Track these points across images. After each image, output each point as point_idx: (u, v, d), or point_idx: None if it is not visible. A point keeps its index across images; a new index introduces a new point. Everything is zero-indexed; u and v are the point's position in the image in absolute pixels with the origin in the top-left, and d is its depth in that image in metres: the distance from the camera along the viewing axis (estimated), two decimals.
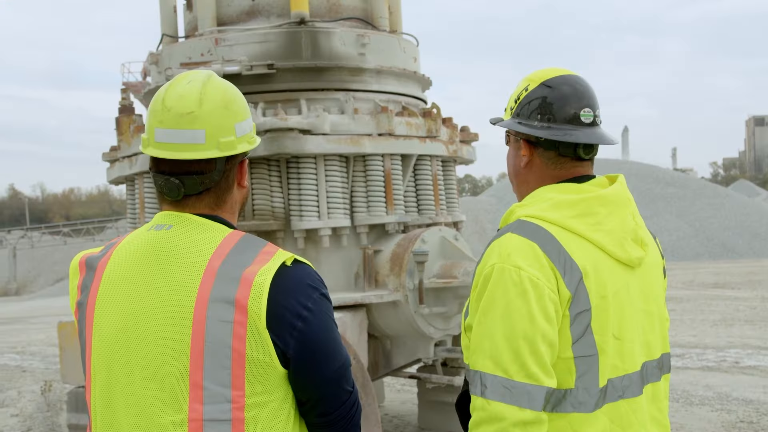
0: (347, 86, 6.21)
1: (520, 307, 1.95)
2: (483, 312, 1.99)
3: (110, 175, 6.85)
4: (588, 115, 2.17)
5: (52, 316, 22.27)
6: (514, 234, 2.05)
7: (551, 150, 2.18)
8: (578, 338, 2.00)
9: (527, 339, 1.93)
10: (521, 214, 2.12)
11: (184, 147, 1.90)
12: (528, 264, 1.98)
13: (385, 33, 6.59)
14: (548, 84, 2.18)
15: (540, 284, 1.96)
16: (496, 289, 1.98)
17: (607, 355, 2.03)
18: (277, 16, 6.30)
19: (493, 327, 1.96)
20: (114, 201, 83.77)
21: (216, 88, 1.96)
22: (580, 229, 2.06)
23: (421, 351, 6.21)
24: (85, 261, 1.99)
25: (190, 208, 1.95)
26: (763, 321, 14.39)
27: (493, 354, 1.94)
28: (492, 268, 2.01)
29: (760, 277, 23.57)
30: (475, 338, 2.00)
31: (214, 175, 1.93)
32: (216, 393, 1.78)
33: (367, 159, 6.06)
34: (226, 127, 1.92)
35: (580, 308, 2.00)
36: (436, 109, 6.67)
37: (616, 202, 2.14)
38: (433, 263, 5.93)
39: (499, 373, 1.92)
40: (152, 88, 6.56)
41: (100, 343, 1.90)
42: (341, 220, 5.92)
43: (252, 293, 1.79)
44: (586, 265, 2.03)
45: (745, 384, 9.15)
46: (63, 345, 6.78)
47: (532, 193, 2.20)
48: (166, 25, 6.85)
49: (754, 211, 38.96)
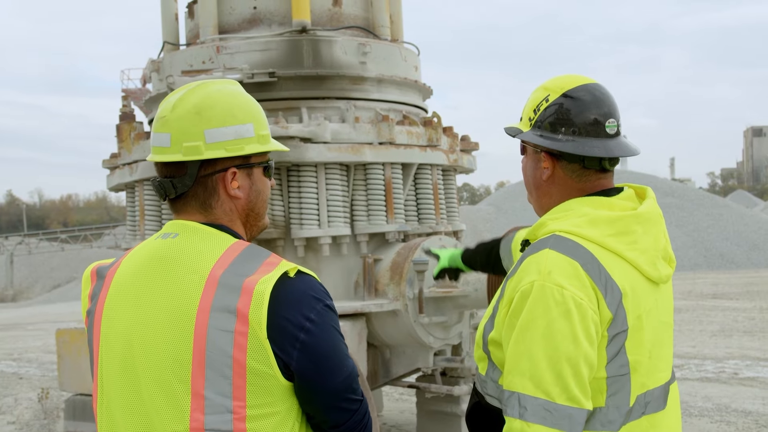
0: (348, 95, 6.22)
1: (563, 327, 1.88)
2: (521, 331, 1.92)
3: (110, 182, 6.84)
4: (613, 126, 2.10)
5: (49, 323, 22.25)
6: (554, 251, 1.97)
7: (575, 163, 2.11)
8: (612, 358, 1.95)
9: (570, 361, 1.87)
10: (555, 228, 2.05)
11: (154, 150, 1.95)
12: (570, 283, 1.91)
13: (387, 42, 6.60)
14: (570, 94, 2.10)
15: (584, 305, 1.90)
16: (537, 307, 1.91)
17: (639, 373, 1.99)
18: (279, 25, 6.30)
19: (533, 347, 1.89)
20: (112, 207, 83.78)
21: (197, 94, 1.95)
22: (618, 247, 2.00)
23: (421, 360, 6.19)
24: (96, 270, 2.00)
25: (185, 214, 1.96)
26: (761, 332, 14.38)
27: (534, 375, 1.88)
28: (531, 285, 1.93)
29: (759, 288, 23.56)
30: (512, 358, 1.93)
31: (186, 180, 1.92)
32: (217, 403, 1.77)
33: (368, 168, 6.06)
34: (193, 133, 1.91)
35: (618, 329, 1.95)
36: (437, 118, 6.67)
37: (651, 220, 2.09)
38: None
39: (540, 395, 1.86)
40: (154, 95, 6.56)
41: (106, 351, 1.90)
42: (341, 229, 5.91)
43: (253, 302, 1.77)
44: (625, 285, 1.97)
45: (744, 395, 9.14)
46: (61, 352, 6.77)
47: (562, 206, 2.12)
48: (168, 32, 6.85)
49: (753, 221, 38.99)
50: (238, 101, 1.98)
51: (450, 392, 6.32)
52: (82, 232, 55.54)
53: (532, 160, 2.20)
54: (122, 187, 6.73)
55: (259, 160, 2.00)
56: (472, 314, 6.20)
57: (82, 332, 6.46)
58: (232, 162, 1.95)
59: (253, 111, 2.00)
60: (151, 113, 6.78)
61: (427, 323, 5.84)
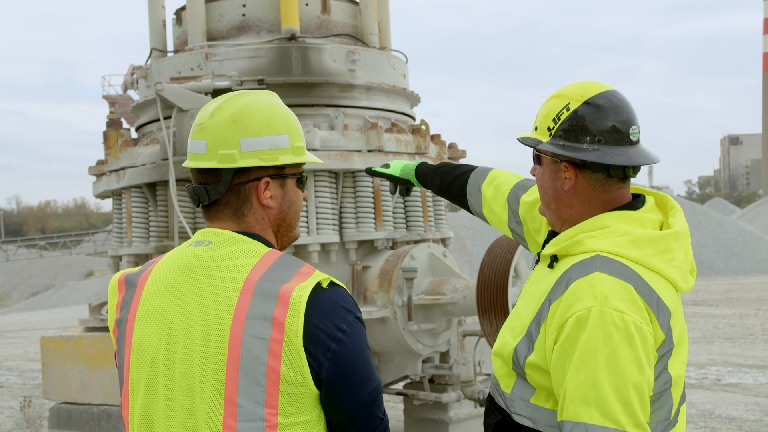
0: (337, 102, 6.23)
1: (627, 354, 1.85)
2: (582, 359, 1.87)
3: (97, 189, 6.80)
4: (636, 133, 2.07)
5: (29, 330, 22.05)
6: (606, 274, 1.93)
7: (600, 172, 2.06)
8: (658, 376, 1.94)
9: (637, 388, 1.85)
10: (596, 248, 2.00)
11: (191, 156, 1.98)
12: (628, 308, 1.88)
13: (375, 49, 6.62)
14: (591, 102, 2.05)
15: (644, 330, 1.88)
16: (597, 334, 1.86)
17: (678, 386, 2.00)
18: (268, 32, 6.30)
19: (597, 375, 1.85)
20: (91, 214, 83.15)
21: (235, 103, 1.98)
22: (660, 267, 1.99)
23: (409, 368, 6.20)
24: (124, 278, 2.00)
25: (217, 221, 1.98)
26: (742, 338, 14.50)
27: (601, 404, 1.84)
28: (588, 311, 1.88)
29: (738, 295, 23.75)
30: (574, 387, 1.88)
31: (219, 187, 1.95)
32: (250, 411, 1.77)
33: (357, 175, 6.07)
34: (228, 141, 1.94)
35: (667, 348, 1.95)
36: (425, 125, 6.70)
37: (684, 236, 2.09)
38: (422, 280, 5.93)
39: (609, 425, 1.83)
40: (141, 102, 6.53)
41: (138, 358, 1.90)
42: (330, 236, 5.91)
43: (290, 311, 1.79)
44: (670, 304, 1.97)
45: (728, 401, 9.21)
46: (46, 360, 6.69)
47: (595, 221, 2.07)
48: (155, 39, 6.82)
49: (731, 229, 39.27)
50: (274, 112, 2.00)
51: (438, 399, 6.32)
52: (61, 238, 55.11)
53: (551, 171, 2.13)
54: (109, 194, 6.69)
55: (293, 171, 2.02)
56: (460, 321, 6.22)
57: (67, 340, 6.41)
58: (266, 171, 1.96)
59: (289, 122, 2.02)
60: (138, 120, 6.75)
61: (415, 330, 5.84)
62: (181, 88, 5.76)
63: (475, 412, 6.48)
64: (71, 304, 34.59)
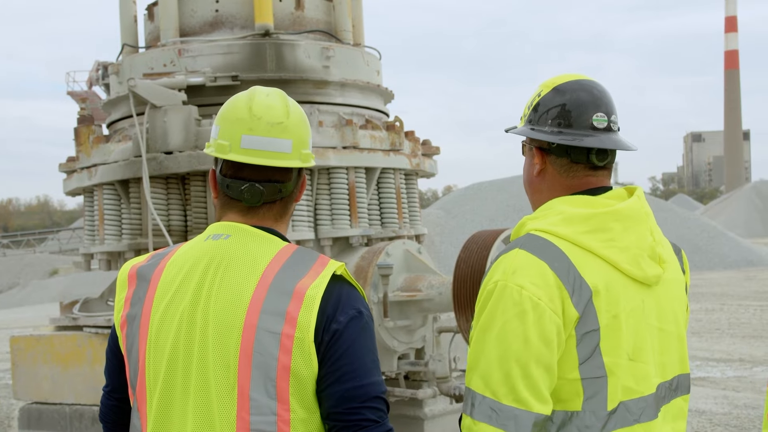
0: (312, 99, 6.20)
1: (515, 328, 1.89)
2: (481, 330, 1.95)
3: (67, 186, 6.71)
4: (602, 120, 2.10)
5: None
6: (522, 250, 1.99)
7: (563, 157, 2.11)
8: (586, 359, 1.94)
9: (520, 362, 1.88)
10: (531, 227, 2.07)
11: (273, 155, 2.00)
12: (532, 282, 1.92)
13: (349, 46, 6.60)
14: (561, 89, 2.12)
15: (541, 305, 1.90)
16: (496, 307, 1.93)
17: (618, 377, 1.96)
18: (241, 28, 6.26)
19: (488, 346, 1.92)
20: (54, 212, 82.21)
21: (294, 103, 2.08)
22: (593, 245, 1.99)
23: (385, 364, 6.19)
24: (136, 272, 1.98)
25: (259, 217, 2.00)
26: (708, 333, 14.70)
27: (485, 374, 1.90)
28: (495, 284, 1.96)
29: (703, 290, 24.09)
30: (471, 355, 1.97)
31: (289, 185, 2.03)
32: (263, 404, 1.79)
33: (332, 172, 6.05)
34: (306, 140, 2.06)
35: (588, 328, 1.94)
36: (399, 122, 6.69)
37: (633, 217, 2.06)
38: (398, 276, 5.93)
39: (488, 395, 1.88)
40: (113, 98, 6.45)
41: (156, 353, 1.90)
42: (305, 233, 5.89)
43: (303, 307, 1.82)
44: (598, 283, 1.96)
45: (697, 395, 9.33)
46: (15, 360, 6.59)
47: (544, 206, 2.13)
48: (127, 35, 6.75)
49: (695, 225, 39.78)
50: None
51: (414, 396, 6.32)
52: (24, 236, 54.38)
53: (527, 158, 2.21)
54: (80, 191, 6.60)
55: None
56: (435, 318, 6.23)
57: (38, 339, 6.32)
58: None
59: None
60: (110, 116, 6.67)
61: (391, 327, 5.84)
62: (154, 84, 5.71)
63: (451, 408, 6.50)
64: (35, 303, 34.12)
